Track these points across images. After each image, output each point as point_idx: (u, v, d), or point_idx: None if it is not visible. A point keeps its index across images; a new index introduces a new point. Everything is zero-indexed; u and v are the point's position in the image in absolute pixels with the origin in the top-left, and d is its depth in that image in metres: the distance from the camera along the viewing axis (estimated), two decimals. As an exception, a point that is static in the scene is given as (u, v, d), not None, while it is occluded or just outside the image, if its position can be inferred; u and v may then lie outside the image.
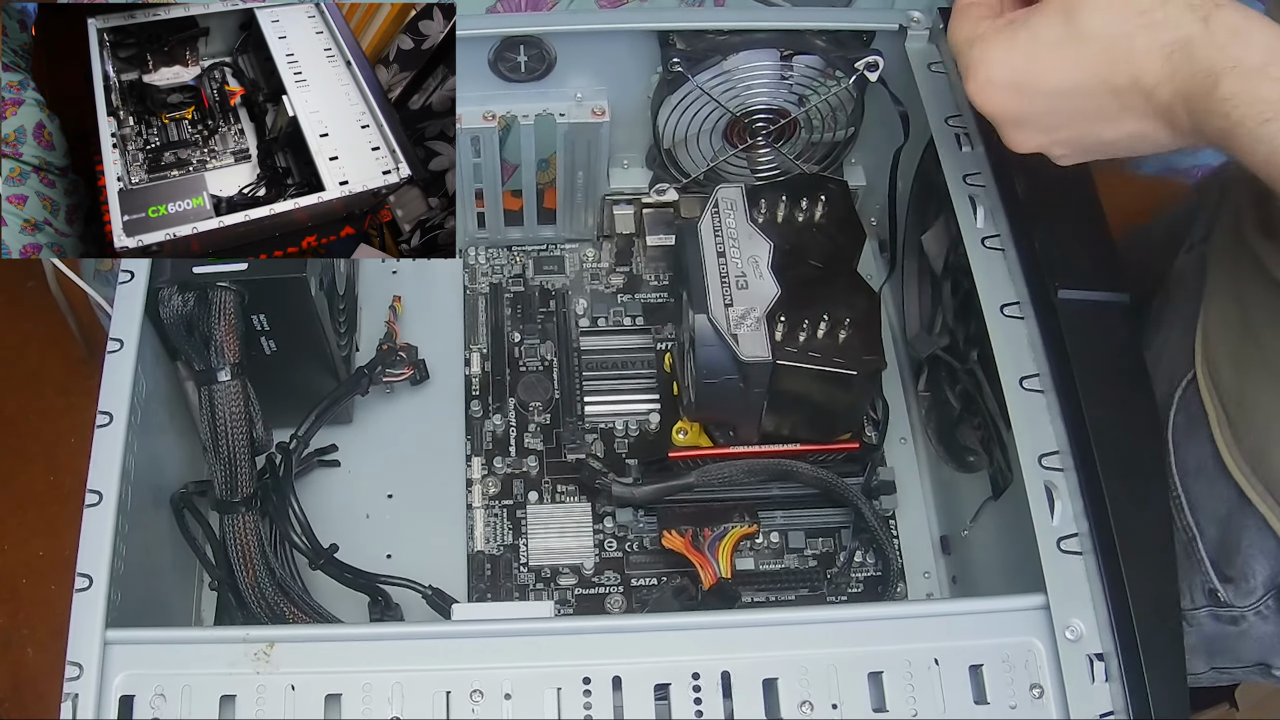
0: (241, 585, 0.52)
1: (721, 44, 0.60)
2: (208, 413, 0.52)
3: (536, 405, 0.65)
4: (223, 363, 0.52)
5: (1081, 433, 0.48)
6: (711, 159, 0.66)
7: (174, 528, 0.54)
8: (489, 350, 0.67)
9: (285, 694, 0.43)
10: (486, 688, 0.43)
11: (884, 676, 0.44)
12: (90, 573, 0.44)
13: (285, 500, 0.55)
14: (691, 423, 0.61)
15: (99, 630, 0.43)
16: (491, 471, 0.63)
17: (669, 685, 0.43)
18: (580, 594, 0.60)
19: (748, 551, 0.61)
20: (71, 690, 0.42)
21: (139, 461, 0.49)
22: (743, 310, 0.55)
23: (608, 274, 0.71)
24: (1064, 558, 0.46)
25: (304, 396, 0.59)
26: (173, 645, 0.44)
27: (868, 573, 0.61)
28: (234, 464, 0.52)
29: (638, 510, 0.61)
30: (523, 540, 0.61)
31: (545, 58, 0.61)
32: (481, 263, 0.71)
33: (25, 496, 1.01)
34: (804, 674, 0.44)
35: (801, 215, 0.59)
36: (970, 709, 0.44)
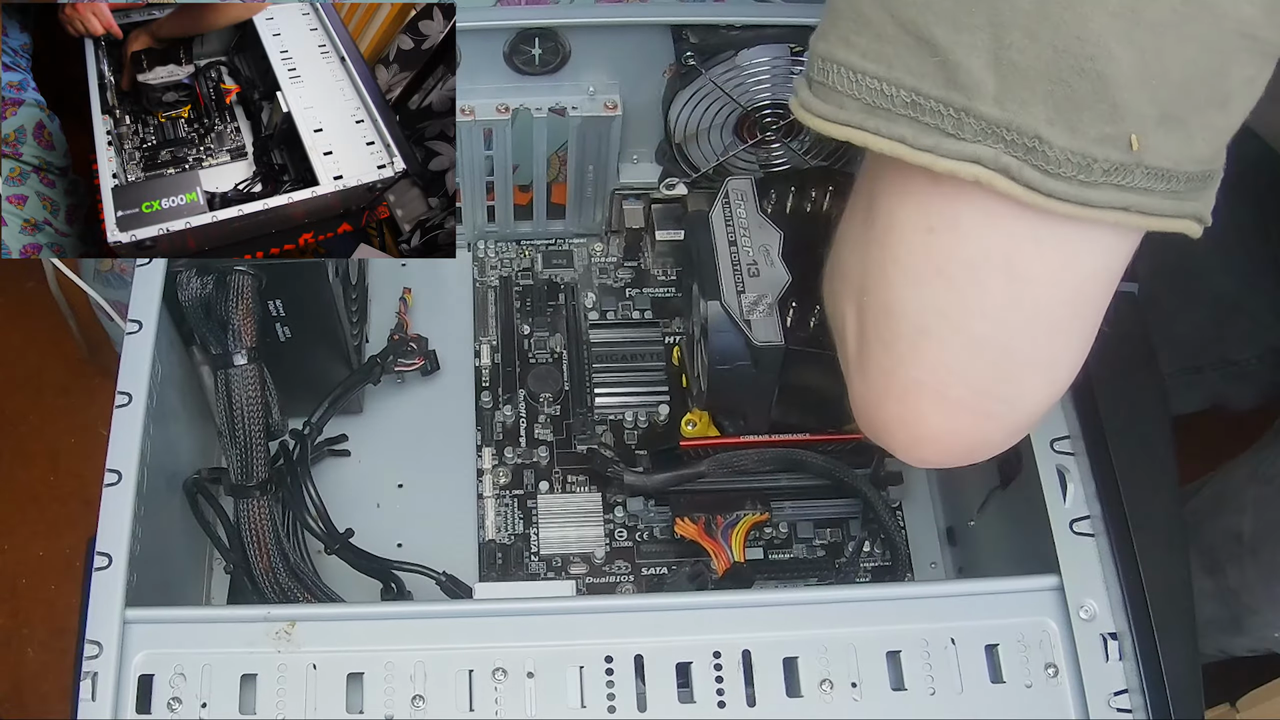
0: (255, 570, 0.52)
1: (734, 39, 0.61)
2: (224, 397, 0.52)
3: (546, 396, 0.65)
4: (240, 347, 0.52)
5: (1093, 417, 0.49)
6: (722, 154, 0.66)
7: (186, 513, 0.54)
8: (499, 342, 0.68)
9: (307, 673, 0.43)
10: (509, 666, 0.43)
11: (902, 656, 0.44)
12: (110, 551, 0.44)
13: (300, 485, 0.55)
14: (700, 414, 0.61)
15: (118, 609, 0.43)
16: (502, 462, 0.63)
17: (690, 664, 0.43)
18: (591, 582, 0.60)
19: (757, 541, 0.62)
20: (90, 669, 0.42)
21: (154, 446, 0.49)
22: (755, 297, 0.55)
23: (616, 268, 0.71)
24: (1077, 539, 0.47)
25: (317, 384, 0.59)
26: (193, 624, 0.44)
27: (875, 563, 0.62)
28: (249, 448, 0.52)
29: (649, 499, 0.61)
30: (534, 529, 0.61)
31: (560, 51, 0.61)
32: (491, 256, 0.71)
33: (25, 496, 1.00)
34: (824, 653, 0.44)
35: (811, 206, 0.60)
36: (987, 688, 0.44)
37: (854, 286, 0.38)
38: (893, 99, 0.33)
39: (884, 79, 0.33)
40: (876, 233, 0.37)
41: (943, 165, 0.32)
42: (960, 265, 0.34)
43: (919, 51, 0.32)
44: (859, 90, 0.34)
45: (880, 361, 0.37)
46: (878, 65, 0.33)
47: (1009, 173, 0.32)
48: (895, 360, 0.37)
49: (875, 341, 0.37)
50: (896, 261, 0.36)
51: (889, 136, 0.33)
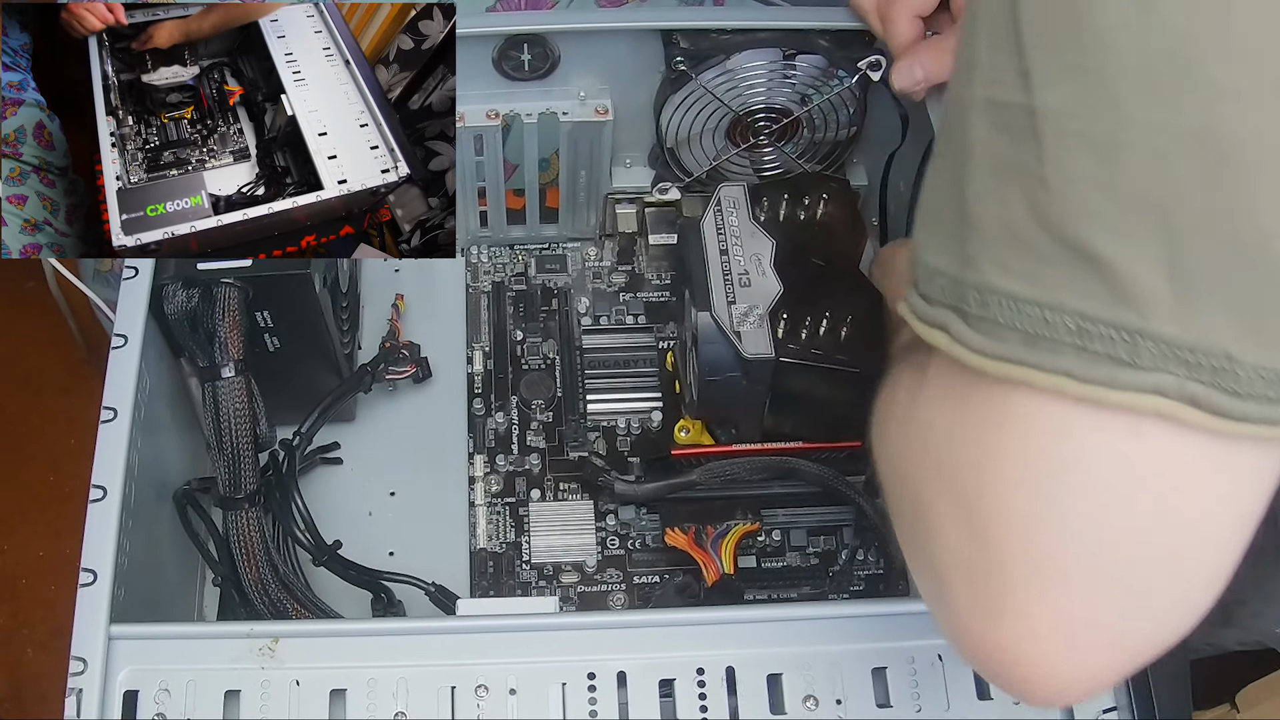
0: (245, 581, 0.52)
1: (725, 43, 0.60)
2: (211, 409, 0.52)
3: (539, 403, 0.65)
4: (227, 359, 0.52)
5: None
6: (714, 158, 0.66)
7: (176, 524, 0.54)
8: (491, 348, 0.67)
9: (290, 689, 0.43)
10: (491, 683, 0.43)
11: (888, 673, 0.44)
12: (94, 568, 0.44)
13: (289, 496, 0.55)
14: (693, 421, 0.61)
15: (103, 626, 0.43)
16: (494, 469, 0.63)
17: (674, 681, 0.43)
18: (583, 591, 0.60)
19: (750, 549, 0.61)
20: (75, 686, 0.42)
21: (142, 458, 0.49)
22: (745, 308, 0.55)
23: (610, 273, 0.71)
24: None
25: (307, 393, 0.59)
26: (177, 641, 0.44)
27: (869, 571, 0.61)
28: (238, 460, 0.52)
29: (640, 508, 0.61)
30: (525, 537, 0.61)
31: (549, 56, 0.61)
32: (484, 261, 0.71)
33: (25, 496, 1.01)
34: (808, 670, 0.44)
35: (804, 213, 0.59)
36: (974, 705, 0.44)
37: (953, 484, 0.33)
38: (1056, 327, 0.29)
39: (1046, 305, 0.29)
40: (1000, 441, 0.31)
41: (1117, 399, 0.28)
42: (1120, 494, 0.30)
43: (1083, 268, 0.28)
44: (1019, 320, 0.29)
45: (1010, 596, 0.31)
46: (1038, 290, 0.29)
47: (1196, 402, 0.28)
48: (1031, 597, 0.31)
49: (1001, 571, 0.32)
50: (1033, 484, 0.31)
51: (1053, 371, 0.29)
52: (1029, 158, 0.29)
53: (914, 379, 0.36)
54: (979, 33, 0.31)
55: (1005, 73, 0.30)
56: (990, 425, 0.32)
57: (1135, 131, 0.27)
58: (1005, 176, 0.30)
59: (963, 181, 0.31)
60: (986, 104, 0.30)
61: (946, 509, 0.33)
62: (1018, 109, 0.29)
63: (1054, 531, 0.31)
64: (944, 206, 0.32)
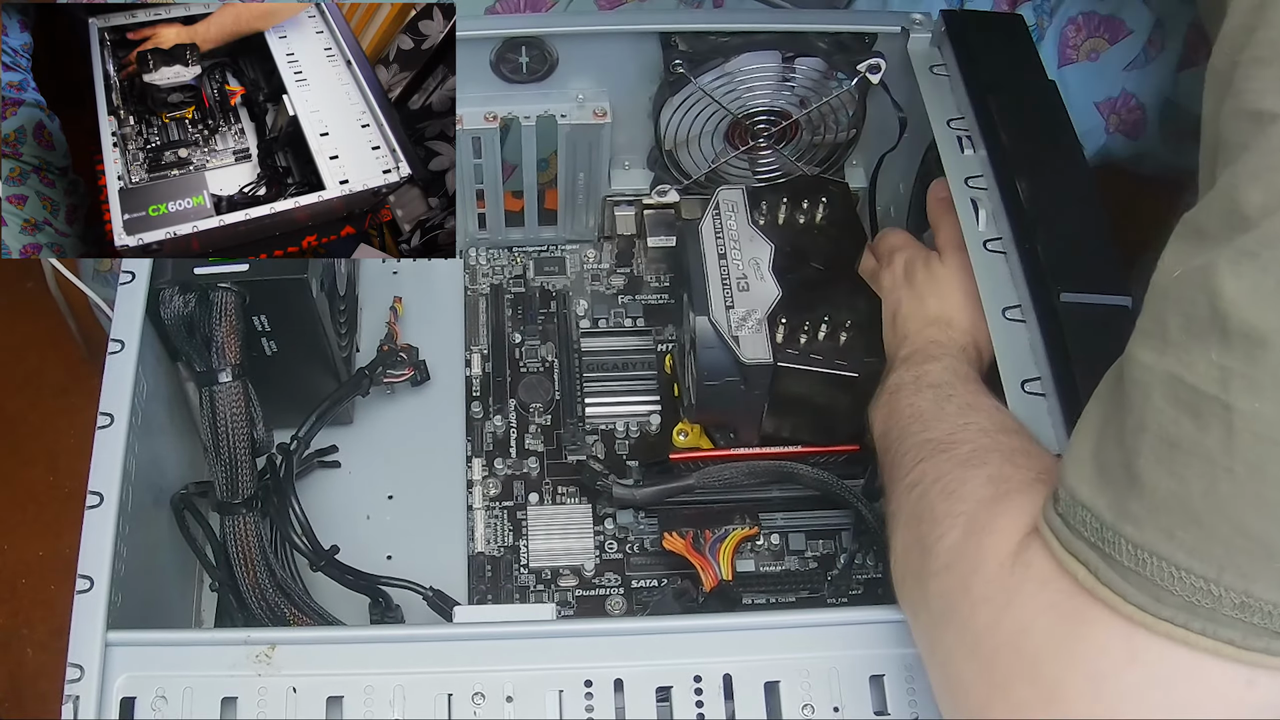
0: (242, 586, 0.52)
1: (723, 46, 0.60)
2: (209, 414, 0.52)
3: (537, 406, 0.65)
4: (224, 364, 0.52)
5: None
6: (713, 160, 0.66)
7: (174, 529, 0.54)
8: (489, 351, 0.67)
9: (287, 696, 0.43)
10: (488, 690, 0.43)
11: (885, 679, 0.44)
12: (91, 574, 0.44)
13: (286, 501, 0.55)
14: (692, 424, 0.61)
15: (100, 632, 0.43)
16: (492, 473, 0.63)
17: (670, 688, 0.43)
18: (581, 595, 0.60)
19: (748, 553, 0.61)
20: (72, 692, 0.42)
21: (140, 462, 0.49)
22: (744, 312, 0.55)
23: (608, 275, 0.71)
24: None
25: (305, 397, 0.59)
26: (174, 647, 0.44)
27: (868, 575, 0.61)
28: (235, 465, 0.52)
29: (638, 512, 0.61)
30: (523, 541, 0.61)
31: (547, 59, 0.61)
32: (482, 264, 0.71)
33: (25, 496, 1.01)
34: (805, 677, 0.44)
35: (803, 217, 0.59)
36: (971, 712, 0.44)
37: (1053, 697, 0.35)
38: (1220, 599, 0.31)
39: (1213, 580, 0.31)
40: (1124, 678, 0.34)
41: (1275, 664, 0.31)
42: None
43: (1255, 555, 0.31)
44: (1179, 586, 0.32)
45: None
46: (1205, 565, 0.32)
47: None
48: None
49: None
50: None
51: (1214, 638, 0.32)
52: (1215, 447, 0.31)
53: (1001, 558, 0.37)
54: (1171, 310, 0.33)
55: (1200, 362, 0.31)
56: (1110, 656, 0.34)
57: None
58: (1182, 455, 0.32)
59: (1132, 441, 0.33)
60: (1173, 380, 0.32)
61: (1035, 708, 0.35)
62: (1210, 400, 0.31)
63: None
64: (1105, 450, 0.34)
